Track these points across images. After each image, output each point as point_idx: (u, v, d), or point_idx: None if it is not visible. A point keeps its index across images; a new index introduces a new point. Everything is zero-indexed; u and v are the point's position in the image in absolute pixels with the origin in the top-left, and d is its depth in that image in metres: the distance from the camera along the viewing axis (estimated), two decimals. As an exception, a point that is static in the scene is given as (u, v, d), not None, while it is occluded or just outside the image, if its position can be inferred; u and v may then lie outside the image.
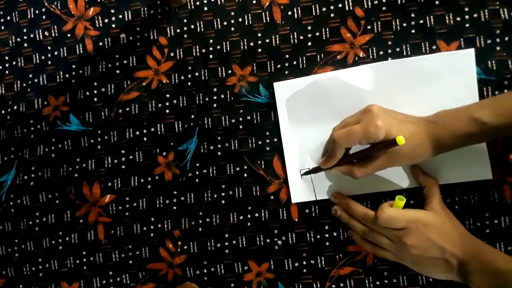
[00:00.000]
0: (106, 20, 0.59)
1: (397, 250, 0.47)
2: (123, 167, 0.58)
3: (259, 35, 0.56)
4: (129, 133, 0.58)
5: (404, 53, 0.54)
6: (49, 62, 0.60)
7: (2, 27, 0.61)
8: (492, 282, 0.42)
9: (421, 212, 0.46)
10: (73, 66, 0.59)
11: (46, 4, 0.60)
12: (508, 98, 0.44)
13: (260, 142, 0.55)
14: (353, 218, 0.50)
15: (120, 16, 0.59)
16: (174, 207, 0.57)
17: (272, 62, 0.56)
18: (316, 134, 0.54)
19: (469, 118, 0.43)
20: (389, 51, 0.54)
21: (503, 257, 0.44)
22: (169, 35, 0.58)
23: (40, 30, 0.60)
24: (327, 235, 0.54)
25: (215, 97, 0.56)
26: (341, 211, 0.52)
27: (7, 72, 0.61)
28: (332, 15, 0.55)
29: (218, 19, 0.57)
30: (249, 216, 0.55)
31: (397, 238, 0.46)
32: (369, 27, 0.54)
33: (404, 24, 0.54)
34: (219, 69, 0.57)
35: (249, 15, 0.56)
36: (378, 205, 0.48)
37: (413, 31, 0.53)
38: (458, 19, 0.53)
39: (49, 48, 0.60)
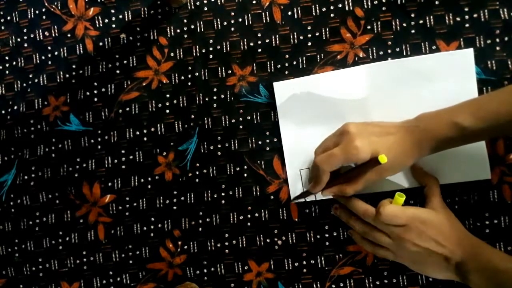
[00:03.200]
0: (106, 20, 0.59)
1: (397, 248, 0.47)
2: (123, 167, 0.58)
3: (259, 35, 0.56)
4: (129, 133, 0.58)
5: (404, 53, 0.54)
6: (49, 62, 0.60)
7: (2, 27, 0.61)
8: (491, 281, 0.42)
9: (421, 210, 0.47)
10: (73, 66, 0.59)
11: (46, 4, 0.60)
12: (488, 100, 0.44)
13: (260, 142, 0.55)
14: (353, 217, 0.51)
15: (120, 16, 0.59)
16: (174, 207, 0.57)
17: (272, 62, 0.56)
18: (316, 134, 0.53)
19: (449, 123, 0.43)
20: (389, 51, 0.54)
21: (502, 256, 0.44)
22: (169, 35, 0.58)
23: (40, 30, 0.60)
24: (327, 235, 0.54)
25: (215, 97, 0.56)
26: (340, 209, 0.52)
27: (7, 72, 0.61)
28: (332, 15, 0.55)
29: (218, 19, 0.57)
30: (249, 216, 0.55)
31: (397, 236, 0.46)
32: (369, 27, 0.54)
33: (404, 24, 0.54)
34: (219, 69, 0.57)
35: (249, 15, 0.56)
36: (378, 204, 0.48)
37: (413, 31, 0.53)
38: (458, 19, 0.53)
39: (49, 48, 0.60)
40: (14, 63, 0.60)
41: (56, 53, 0.60)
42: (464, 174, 0.51)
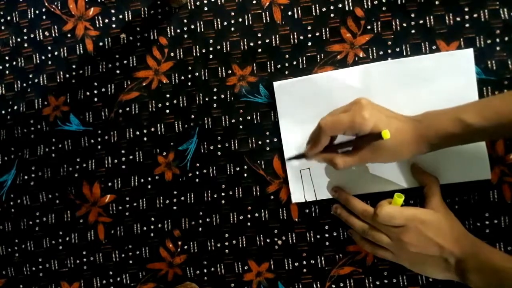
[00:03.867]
0: (106, 20, 0.59)
1: (396, 249, 0.47)
2: (123, 167, 0.58)
3: (259, 35, 0.56)
4: (129, 133, 0.58)
5: (404, 53, 0.54)
6: (49, 62, 0.60)
7: (2, 27, 0.61)
8: (490, 280, 0.42)
9: (420, 210, 0.47)
10: (73, 66, 0.59)
11: (46, 4, 0.60)
12: (494, 101, 0.44)
13: (260, 142, 0.55)
14: (352, 216, 0.51)
15: (120, 16, 0.59)
16: (174, 207, 0.57)
17: (272, 62, 0.56)
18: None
19: (454, 119, 0.43)
20: (389, 51, 0.54)
21: (501, 255, 0.44)
22: (169, 35, 0.58)
23: (40, 30, 0.60)
24: (327, 235, 0.54)
25: (215, 97, 0.56)
26: (341, 209, 0.52)
27: (7, 72, 0.61)
28: (332, 15, 0.55)
29: (218, 19, 0.57)
30: (249, 216, 0.55)
31: (396, 236, 0.46)
32: (369, 27, 0.54)
33: (404, 24, 0.54)
34: (219, 69, 0.57)
35: (249, 15, 0.56)
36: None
37: (413, 31, 0.53)
38: (458, 19, 0.53)
39: (49, 48, 0.60)
40: (14, 63, 0.60)
41: (56, 53, 0.60)
42: (464, 174, 0.51)
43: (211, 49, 0.57)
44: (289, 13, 0.56)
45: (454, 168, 0.51)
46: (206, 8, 0.57)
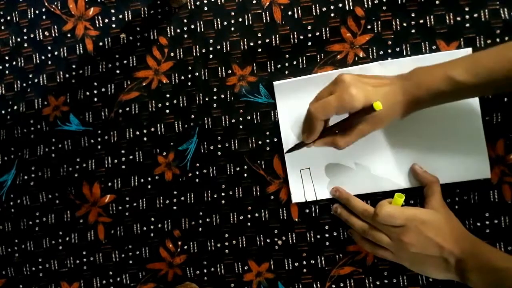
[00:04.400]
0: (106, 20, 0.59)
1: (396, 249, 0.47)
2: (123, 167, 0.58)
3: (259, 35, 0.56)
4: (129, 133, 0.58)
5: (404, 53, 0.53)
6: (49, 62, 0.60)
7: (2, 27, 0.61)
8: (490, 280, 0.42)
9: (420, 210, 0.47)
10: (73, 66, 0.59)
11: (46, 4, 0.60)
12: (484, 57, 0.43)
13: (260, 142, 0.55)
14: (353, 216, 0.51)
15: (120, 16, 0.59)
16: (174, 207, 0.57)
17: (272, 62, 0.56)
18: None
19: (443, 76, 0.43)
20: (389, 50, 0.54)
21: (500, 255, 0.44)
22: (169, 35, 0.58)
23: (40, 30, 0.60)
24: (327, 235, 0.54)
25: (215, 97, 0.56)
26: (341, 208, 0.52)
27: (7, 72, 0.61)
28: (332, 14, 0.55)
29: (218, 19, 0.57)
30: (249, 216, 0.55)
31: (396, 236, 0.46)
32: (369, 26, 0.54)
33: (404, 24, 0.54)
34: (219, 69, 0.57)
35: (249, 15, 0.56)
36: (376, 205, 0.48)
37: (413, 30, 0.53)
38: (458, 18, 0.53)
39: (49, 48, 0.60)
40: (14, 63, 0.60)
41: (56, 53, 0.60)
42: (464, 173, 0.51)
43: (211, 49, 0.57)
44: (289, 12, 0.55)
45: (454, 167, 0.51)
46: (206, 8, 0.57)
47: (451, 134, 0.51)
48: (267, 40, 0.56)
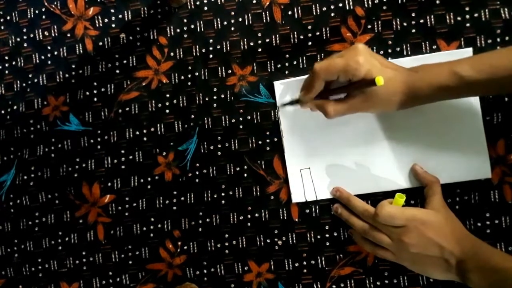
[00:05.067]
0: (106, 20, 0.59)
1: (396, 249, 0.47)
2: (123, 167, 0.58)
3: (259, 35, 0.56)
4: (129, 133, 0.58)
5: (404, 53, 0.53)
6: (49, 62, 0.60)
7: (2, 27, 0.61)
8: (490, 280, 0.42)
9: (420, 211, 0.46)
10: (73, 66, 0.59)
11: (46, 4, 0.60)
12: (489, 56, 0.44)
13: (260, 142, 0.55)
14: (353, 216, 0.50)
15: (120, 16, 0.59)
16: (174, 207, 0.57)
17: (272, 62, 0.56)
18: (317, 133, 0.53)
19: (447, 71, 0.43)
20: (389, 50, 0.54)
21: (501, 255, 0.44)
22: (169, 35, 0.58)
23: (40, 30, 0.60)
24: (327, 235, 0.54)
25: (215, 97, 0.56)
26: (341, 208, 0.52)
27: (7, 72, 0.60)
28: (332, 14, 0.55)
29: (218, 19, 0.57)
30: (249, 216, 0.55)
31: (396, 236, 0.46)
32: (369, 26, 0.54)
33: (405, 24, 0.53)
34: (219, 69, 0.57)
35: (249, 15, 0.56)
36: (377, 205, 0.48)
37: (413, 30, 0.53)
38: (459, 18, 0.53)
39: (49, 48, 0.60)
40: (14, 63, 0.60)
41: (55, 53, 0.59)
42: (465, 173, 0.51)
43: (211, 48, 0.57)
44: (289, 12, 0.55)
45: (455, 167, 0.51)
46: (206, 8, 0.57)
47: (451, 134, 0.51)
48: (267, 40, 0.56)
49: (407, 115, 0.51)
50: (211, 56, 0.57)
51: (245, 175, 0.55)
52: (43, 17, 0.60)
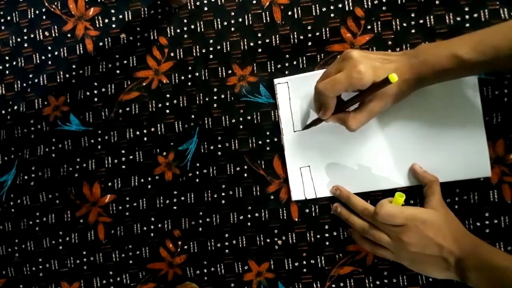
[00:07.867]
0: (106, 20, 0.59)
1: (396, 248, 0.47)
2: (123, 167, 0.58)
3: (259, 35, 0.56)
4: (129, 133, 0.58)
5: (404, 53, 0.53)
6: (49, 62, 0.60)
7: (3, 27, 0.61)
8: (489, 279, 0.42)
9: (420, 210, 0.47)
10: (73, 66, 0.59)
11: (46, 4, 0.60)
12: (488, 34, 0.44)
13: (260, 142, 0.55)
14: (353, 215, 0.51)
15: (120, 16, 0.59)
16: (174, 207, 0.57)
17: (272, 62, 0.56)
18: (317, 131, 0.54)
19: (449, 55, 0.43)
20: (389, 51, 0.54)
21: (500, 254, 0.44)
22: (169, 35, 0.58)
23: (40, 30, 0.60)
24: (327, 235, 0.54)
25: (215, 97, 0.56)
26: (341, 207, 0.52)
27: (7, 72, 0.61)
28: (332, 15, 0.55)
29: (218, 19, 0.57)
30: (249, 216, 0.55)
31: (396, 235, 0.46)
32: (369, 27, 0.54)
33: (404, 24, 0.54)
34: (219, 69, 0.57)
35: (249, 15, 0.56)
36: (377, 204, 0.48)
37: (413, 30, 0.53)
38: (458, 19, 0.53)
39: (49, 48, 0.60)
40: (14, 63, 0.60)
41: (56, 53, 0.60)
42: (464, 172, 0.51)
43: (211, 49, 0.57)
44: (289, 13, 0.55)
45: (455, 166, 0.51)
46: (206, 8, 0.57)
47: (451, 132, 0.51)
48: (267, 40, 0.56)
49: (407, 114, 0.51)
50: (211, 56, 0.57)
51: (245, 175, 0.56)
52: (44, 17, 0.60)
